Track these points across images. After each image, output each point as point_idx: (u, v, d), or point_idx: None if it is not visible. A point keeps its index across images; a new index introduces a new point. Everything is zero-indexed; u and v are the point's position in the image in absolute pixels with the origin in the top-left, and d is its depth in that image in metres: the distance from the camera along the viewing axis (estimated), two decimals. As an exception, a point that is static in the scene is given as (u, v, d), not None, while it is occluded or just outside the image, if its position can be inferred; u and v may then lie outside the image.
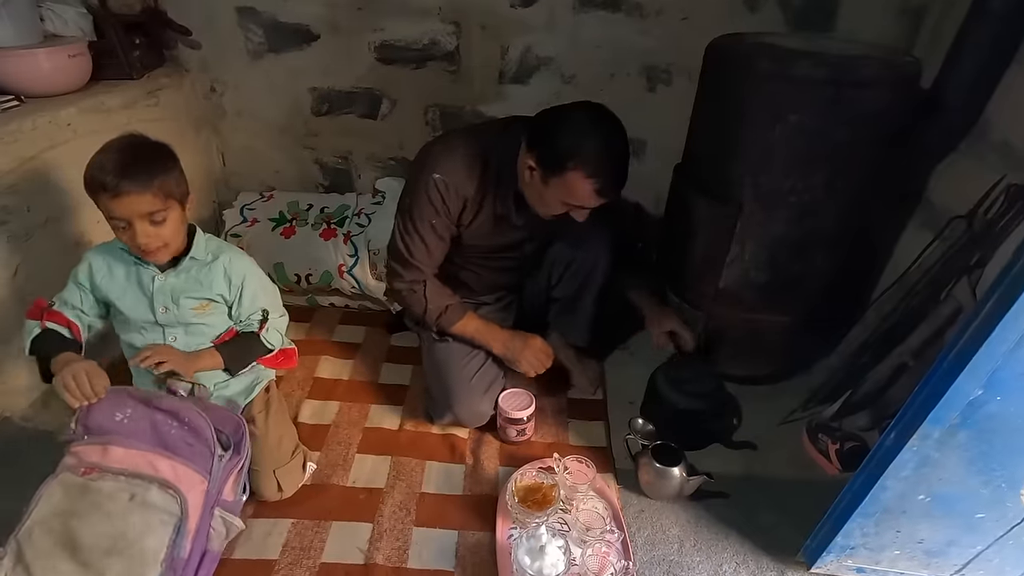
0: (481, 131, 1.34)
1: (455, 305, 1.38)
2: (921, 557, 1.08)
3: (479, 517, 1.22)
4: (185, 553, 0.95)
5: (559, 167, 1.15)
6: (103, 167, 1.00)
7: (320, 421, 1.45)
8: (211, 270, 1.16)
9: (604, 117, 1.17)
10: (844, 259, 1.39)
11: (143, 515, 0.94)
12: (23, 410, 1.40)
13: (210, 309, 1.18)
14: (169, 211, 1.06)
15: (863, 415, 1.40)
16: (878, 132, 1.22)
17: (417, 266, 1.33)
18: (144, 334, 1.16)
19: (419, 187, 1.26)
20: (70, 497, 0.94)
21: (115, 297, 1.14)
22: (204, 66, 1.91)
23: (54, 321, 1.11)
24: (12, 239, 1.33)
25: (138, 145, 1.05)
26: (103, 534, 0.91)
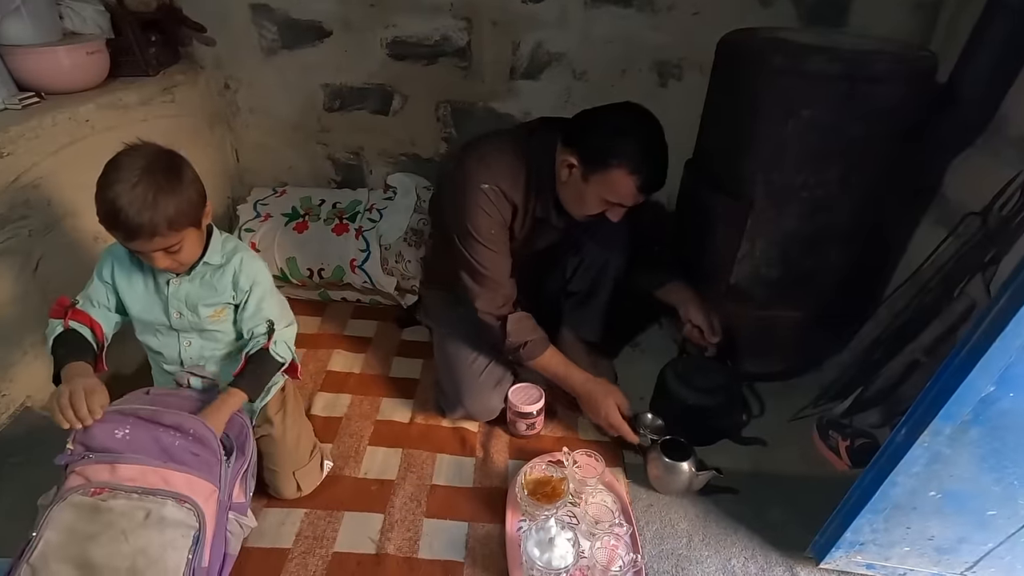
0: (509, 136, 1.32)
1: (537, 340, 1.34)
2: (931, 554, 1.07)
3: (489, 509, 1.24)
4: (206, 563, 0.94)
5: (602, 163, 1.16)
6: (114, 208, 0.94)
7: (332, 413, 1.47)
8: (223, 274, 1.13)
9: (645, 115, 1.18)
10: (856, 255, 1.38)
11: (161, 531, 0.91)
12: (44, 400, 1.43)
13: (225, 315, 1.16)
14: (184, 240, 1.02)
15: (874, 412, 1.40)
16: (892, 127, 1.21)
17: (494, 279, 1.30)
18: (159, 336, 1.16)
19: (470, 204, 1.24)
20: (83, 519, 0.91)
21: (129, 299, 1.12)
22: (218, 63, 1.93)
23: (77, 320, 1.08)
24: (34, 233, 1.36)
25: (148, 180, 0.96)
26: (122, 554, 0.88)
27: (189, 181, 1.02)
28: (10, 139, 1.28)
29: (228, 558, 1.04)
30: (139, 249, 1.00)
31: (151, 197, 0.95)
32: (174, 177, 1.00)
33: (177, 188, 0.99)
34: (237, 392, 1.09)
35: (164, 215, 0.96)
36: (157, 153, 1.01)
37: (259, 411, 1.24)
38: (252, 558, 1.11)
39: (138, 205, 0.94)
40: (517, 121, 1.93)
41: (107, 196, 0.95)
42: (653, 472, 1.29)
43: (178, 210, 0.98)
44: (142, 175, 0.96)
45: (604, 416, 1.33)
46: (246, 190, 2.07)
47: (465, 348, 1.42)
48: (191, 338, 1.16)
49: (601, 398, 1.34)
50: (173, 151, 1.04)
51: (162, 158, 1.00)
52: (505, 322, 1.32)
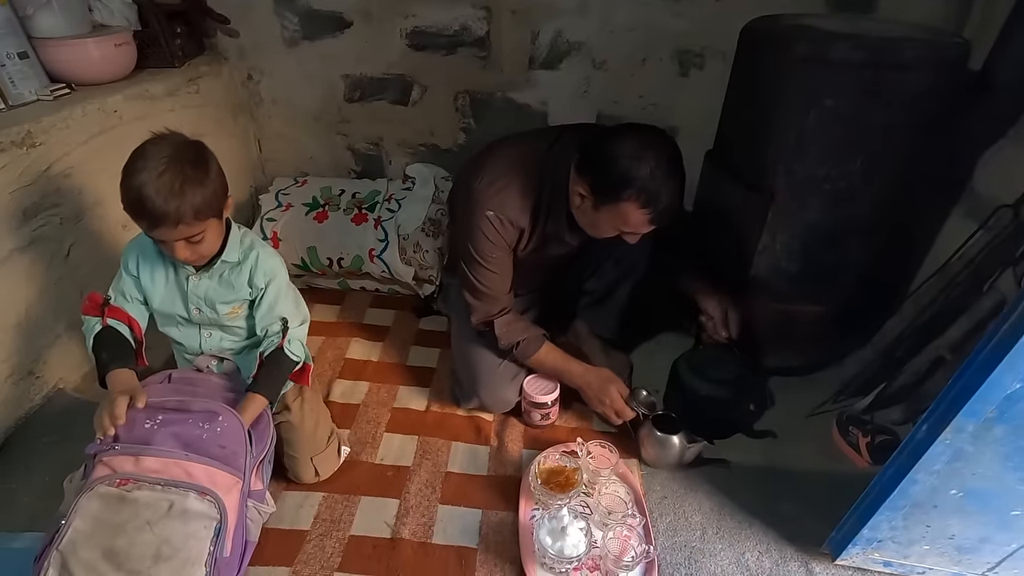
0: (526, 153, 1.28)
1: (529, 339, 1.35)
2: (952, 553, 1.05)
3: (503, 497, 1.25)
4: (228, 552, 0.96)
5: (612, 196, 1.12)
6: (139, 196, 0.95)
7: (350, 400, 1.49)
8: (240, 271, 1.15)
9: (657, 142, 1.11)
10: (880, 249, 1.35)
11: (184, 522, 0.94)
12: (76, 382, 1.49)
13: (242, 311, 1.18)
14: (206, 230, 1.03)
15: (897, 409, 1.37)
16: (919, 117, 1.18)
17: (493, 296, 1.32)
18: (180, 328, 1.19)
19: (474, 227, 1.25)
20: (109, 509, 0.93)
21: (151, 292, 1.14)
22: (242, 54, 1.96)
23: (115, 318, 1.10)
24: (65, 221, 1.40)
25: (174, 168, 0.97)
26: (146, 543, 0.91)
27: (215, 172, 1.04)
28: (42, 129, 1.33)
29: (249, 545, 1.06)
30: (162, 238, 1.01)
31: (178, 186, 0.96)
32: (200, 167, 1.01)
33: (203, 178, 1.00)
34: (256, 397, 1.11)
35: (190, 204, 0.98)
36: (184, 143, 1.02)
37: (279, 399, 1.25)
38: (271, 539, 1.14)
39: (165, 193, 0.95)
40: (535, 111, 1.93)
41: (133, 184, 0.96)
42: (645, 446, 1.31)
43: (203, 199, 1.00)
44: (169, 164, 0.97)
45: (608, 403, 1.33)
46: (268, 180, 2.10)
47: (482, 341, 1.42)
48: (211, 331, 1.19)
49: (600, 386, 1.34)
50: (199, 141, 1.05)
51: (189, 148, 1.02)
52: (493, 327, 1.33)
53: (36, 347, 1.38)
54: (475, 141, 2.00)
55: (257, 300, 1.16)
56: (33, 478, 1.24)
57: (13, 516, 1.16)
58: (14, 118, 1.31)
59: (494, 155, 1.30)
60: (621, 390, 1.34)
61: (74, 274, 1.44)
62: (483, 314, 1.34)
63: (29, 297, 1.35)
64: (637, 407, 1.33)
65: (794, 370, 1.57)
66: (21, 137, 1.28)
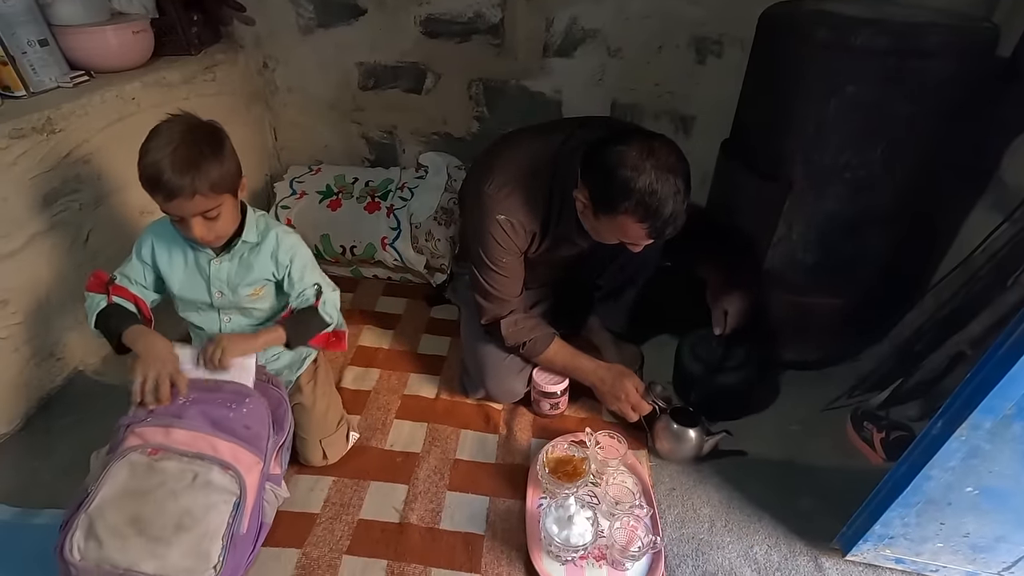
0: (535, 155, 1.25)
1: (536, 339, 1.34)
2: (966, 552, 1.03)
3: (510, 485, 1.25)
4: (244, 529, 1.00)
5: (609, 208, 1.09)
6: (156, 169, 0.98)
7: (361, 387, 1.51)
8: (260, 251, 1.17)
9: (659, 152, 1.05)
10: (901, 240, 1.32)
11: (206, 494, 0.98)
12: (95, 365, 1.52)
13: (263, 292, 1.20)
14: (222, 206, 1.05)
15: (914, 405, 1.35)
16: (943, 105, 1.14)
17: (503, 298, 1.31)
18: (200, 313, 1.21)
19: (485, 232, 1.24)
20: (137, 476, 0.98)
21: (173, 279, 1.16)
22: (257, 42, 1.97)
23: (120, 296, 1.13)
24: (84, 206, 1.43)
25: (189, 141, 1.00)
26: (170, 511, 0.96)
27: (229, 150, 1.07)
28: (62, 116, 1.35)
29: (264, 526, 1.09)
30: (179, 212, 1.03)
31: (193, 158, 0.99)
32: (215, 144, 1.04)
33: (218, 153, 1.03)
34: (277, 329, 1.14)
35: (206, 176, 1.00)
36: (198, 122, 1.06)
37: (293, 381, 1.29)
38: (282, 521, 1.16)
39: (180, 165, 0.98)
40: (549, 100, 1.92)
41: (149, 159, 0.99)
42: (661, 440, 1.30)
43: (219, 174, 1.03)
44: (183, 139, 1.00)
45: (624, 399, 1.31)
46: (283, 168, 2.11)
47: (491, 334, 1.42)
48: (231, 314, 1.21)
49: (615, 382, 1.32)
50: (213, 121, 1.08)
51: (203, 126, 1.05)
52: (499, 327, 1.33)
53: (57, 330, 1.41)
54: (489, 130, 1.99)
55: (285, 276, 1.19)
56: (54, 457, 1.27)
57: (35, 494, 1.20)
58: (35, 105, 1.33)
59: (504, 156, 1.27)
60: (637, 385, 1.33)
61: (93, 259, 1.47)
62: (492, 315, 1.34)
63: (50, 281, 1.37)
64: (654, 401, 1.33)
65: (809, 364, 1.55)
66: (42, 123, 1.30)
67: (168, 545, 0.93)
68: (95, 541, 0.92)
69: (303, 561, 1.09)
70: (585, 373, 1.36)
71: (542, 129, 1.32)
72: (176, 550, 0.93)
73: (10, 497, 1.19)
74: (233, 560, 0.98)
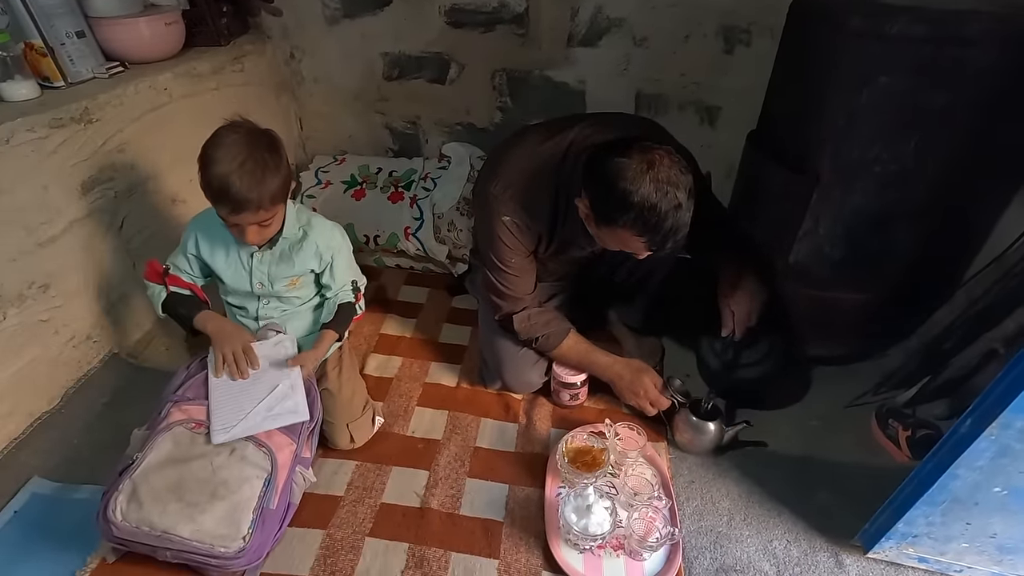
0: (542, 158, 1.22)
1: (550, 334, 1.34)
2: (992, 552, 1.02)
3: (529, 474, 1.27)
4: (274, 505, 1.06)
5: (609, 220, 1.08)
6: (225, 182, 1.03)
7: (384, 374, 1.53)
8: (303, 248, 1.24)
9: (660, 165, 1.02)
10: (932, 236, 1.28)
11: (241, 467, 1.06)
12: (129, 348, 1.57)
13: (300, 283, 1.28)
14: (276, 214, 1.14)
15: (941, 403, 1.32)
16: (982, 96, 1.10)
17: (515, 296, 1.32)
18: (240, 297, 1.29)
19: (491, 233, 1.24)
20: (180, 447, 1.07)
21: (219, 269, 1.25)
22: (284, 33, 2.00)
23: (176, 285, 1.24)
24: (119, 194, 1.47)
25: (256, 156, 1.05)
26: (208, 481, 1.03)
27: (285, 159, 1.12)
28: (98, 106, 1.39)
29: (291, 507, 1.14)
30: (240, 222, 1.10)
31: (259, 174, 1.05)
32: (275, 154, 1.09)
33: (279, 165, 1.09)
34: (330, 334, 1.28)
35: (269, 191, 1.07)
36: (257, 131, 1.10)
37: (319, 366, 1.33)
38: (308, 503, 1.19)
39: (248, 181, 1.04)
40: (573, 90, 1.91)
41: (216, 172, 1.04)
42: (680, 432, 1.30)
43: (279, 186, 1.09)
44: (248, 153, 1.05)
45: (643, 394, 1.31)
46: (308, 158, 2.15)
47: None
48: (269, 299, 1.29)
49: (633, 377, 1.32)
50: (269, 130, 1.12)
51: (262, 136, 1.09)
52: (512, 322, 1.33)
53: (93, 313, 1.46)
54: (512, 120, 1.99)
55: (326, 270, 1.29)
56: (92, 435, 1.32)
57: (75, 470, 1.25)
58: (73, 95, 1.38)
59: (510, 156, 1.25)
60: (655, 380, 1.32)
61: (127, 246, 1.52)
62: (505, 312, 1.34)
63: (87, 266, 1.42)
64: (672, 396, 1.32)
65: (834, 360, 1.53)
66: (79, 113, 1.34)
67: (203, 512, 1.00)
68: (136, 503, 0.99)
69: (327, 541, 1.13)
70: (601, 369, 1.36)
71: (551, 128, 1.27)
72: (210, 517, 1.00)
73: (51, 472, 1.24)
74: (262, 534, 1.03)
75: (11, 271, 1.25)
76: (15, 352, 1.28)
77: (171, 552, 1.00)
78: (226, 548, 0.99)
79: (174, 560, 1.01)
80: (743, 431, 1.30)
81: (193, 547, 0.98)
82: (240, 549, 1.00)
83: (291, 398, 1.17)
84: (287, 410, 1.16)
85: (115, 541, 1.02)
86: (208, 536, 0.99)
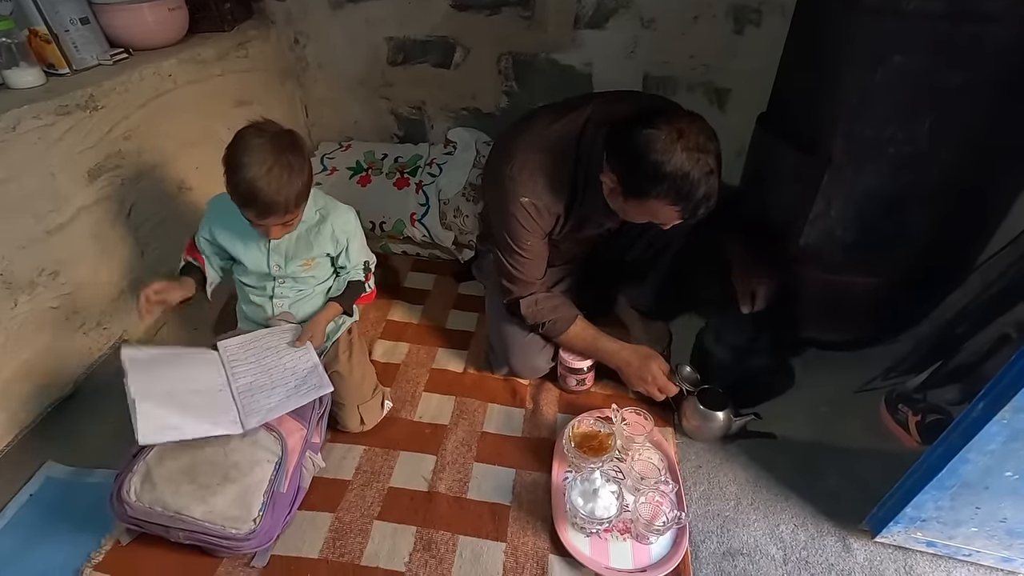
0: (558, 136, 1.22)
1: (557, 319, 1.34)
2: (1002, 537, 1.01)
3: (536, 458, 1.27)
4: (284, 488, 1.08)
5: (641, 193, 1.08)
6: (252, 188, 1.04)
7: (391, 360, 1.54)
8: (320, 231, 1.26)
9: (689, 133, 1.02)
10: (946, 218, 1.26)
11: (252, 451, 1.08)
12: (139, 335, 1.59)
13: (314, 264, 1.30)
14: (299, 213, 1.16)
15: (953, 388, 1.30)
16: (1002, 75, 1.07)
17: (526, 280, 1.31)
18: (255, 278, 1.31)
19: (508, 214, 1.23)
20: None
21: (238, 254, 1.27)
22: (288, 18, 1.98)
23: (193, 257, 1.30)
24: (126, 182, 1.48)
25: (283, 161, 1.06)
26: (220, 463, 1.05)
27: (308, 158, 1.13)
28: (104, 93, 1.38)
29: (300, 491, 1.15)
30: (265, 223, 1.12)
31: (285, 178, 1.06)
32: (300, 156, 1.10)
33: (303, 168, 1.10)
34: (335, 306, 1.32)
35: (295, 194, 1.09)
36: (281, 134, 1.10)
37: (329, 350, 1.36)
38: (317, 487, 1.20)
39: (275, 186, 1.05)
40: (579, 73, 1.88)
41: (244, 177, 1.05)
42: (689, 420, 1.30)
43: (303, 187, 1.11)
44: (276, 158, 1.06)
45: (651, 380, 1.30)
46: (314, 145, 2.14)
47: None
48: (284, 279, 1.30)
49: (641, 364, 1.31)
50: (292, 130, 1.13)
51: (286, 139, 1.10)
52: (519, 307, 1.33)
53: (102, 300, 1.47)
54: (518, 104, 1.97)
55: (342, 252, 1.33)
56: (104, 421, 1.34)
57: (87, 455, 1.27)
58: (78, 82, 1.37)
59: (525, 137, 1.24)
60: (662, 366, 1.31)
61: (135, 233, 1.52)
62: (514, 296, 1.34)
63: (96, 253, 1.43)
64: (681, 383, 1.32)
65: (844, 345, 1.51)
66: (85, 100, 1.34)
67: (215, 494, 1.02)
68: (150, 484, 1.01)
69: (336, 525, 1.14)
70: (608, 355, 1.35)
71: (563, 108, 1.26)
72: (222, 498, 1.02)
73: (65, 457, 1.26)
74: (272, 517, 1.04)
75: (21, 258, 1.26)
76: (27, 339, 1.30)
77: (184, 533, 1.01)
78: (237, 529, 1.01)
79: (187, 541, 1.03)
80: (751, 422, 1.29)
81: (205, 528, 1.00)
82: (251, 531, 1.01)
83: (314, 374, 1.20)
84: (313, 386, 1.18)
85: (129, 521, 1.03)
86: (220, 517, 1.01)
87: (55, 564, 1.06)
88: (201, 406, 1.08)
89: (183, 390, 1.10)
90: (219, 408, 1.09)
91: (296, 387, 1.17)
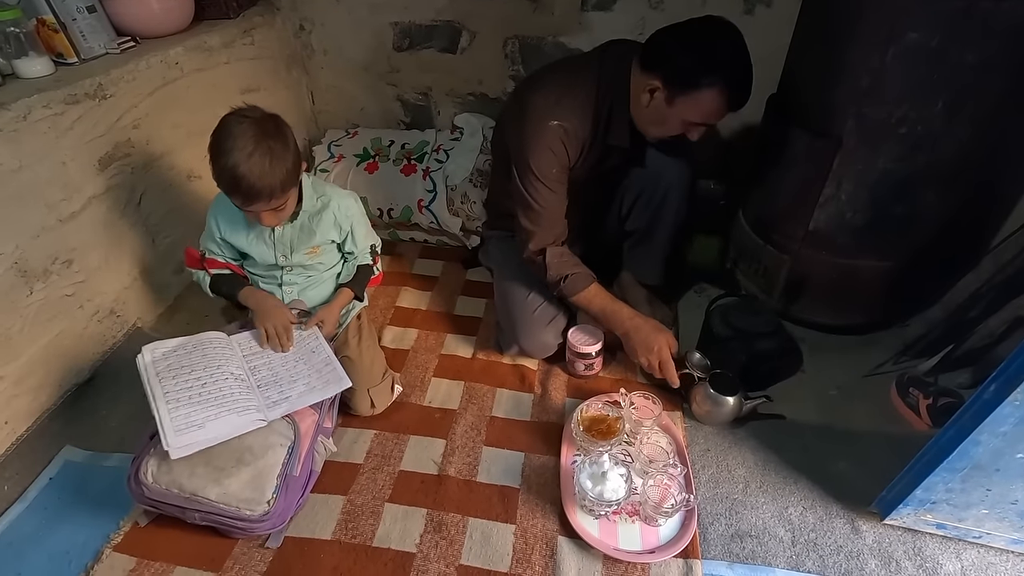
0: (578, 66, 1.28)
1: (578, 275, 1.32)
2: (1013, 519, 1.01)
3: (545, 442, 1.28)
4: (297, 472, 1.09)
5: (692, 84, 1.12)
6: (235, 174, 1.04)
7: (400, 346, 1.55)
8: (322, 218, 1.27)
9: (726, 26, 1.12)
10: (959, 201, 1.24)
11: (266, 435, 1.09)
12: (152, 322, 1.61)
13: (321, 251, 1.31)
14: (290, 198, 1.16)
15: (964, 372, 1.30)
16: (1019, 53, 1.05)
17: (549, 218, 1.29)
18: (264, 269, 1.32)
19: (535, 141, 1.22)
20: None
21: (243, 247, 1.28)
22: (293, 4, 1.97)
23: (215, 267, 1.30)
24: (136, 170, 1.49)
25: (264, 146, 1.05)
26: (234, 447, 1.06)
27: (293, 143, 1.12)
28: (112, 81, 1.39)
29: (312, 475, 1.17)
30: (253, 210, 1.12)
31: (268, 164, 1.06)
32: (283, 142, 1.10)
33: (287, 152, 1.09)
34: (347, 292, 1.35)
35: (279, 179, 1.08)
36: (263, 119, 1.10)
37: (339, 335, 1.37)
38: (328, 470, 1.22)
39: (258, 172, 1.05)
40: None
41: (227, 164, 1.05)
42: (698, 404, 1.30)
43: (288, 172, 1.10)
44: (257, 143, 1.05)
45: (656, 351, 1.29)
46: (321, 132, 2.14)
47: (521, 287, 1.43)
48: (292, 269, 1.31)
49: (650, 332, 1.30)
50: (276, 115, 1.12)
51: (269, 124, 1.10)
52: (545, 255, 1.32)
53: (115, 288, 1.49)
54: (524, 89, 1.95)
55: (347, 238, 1.34)
56: (119, 406, 1.36)
57: (104, 439, 1.29)
58: (87, 71, 1.38)
59: (544, 81, 1.27)
60: (671, 342, 1.31)
61: (146, 221, 1.54)
62: (538, 242, 1.31)
63: (107, 242, 1.45)
64: (691, 369, 1.32)
65: (854, 328, 1.51)
66: (93, 89, 1.34)
67: (229, 476, 1.03)
68: (167, 467, 1.03)
69: (348, 507, 1.16)
70: (621, 319, 1.32)
71: (571, 58, 1.36)
72: (236, 481, 1.03)
73: (82, 441, 1.29)
74: (285, 500, 1.06)
75: (35, 247, 1.27)
76: (43, 326, 1.32)
77: (199, 514, 1.04)
78: (251, 511, 1.03)
79: (202, 522, 1.05)
80: (762, 405, 1.29)
81: (220, 509, 1.02)
82: (265, 513, 1.03)
83: (331, 368, 1.22)
84: (332, 380, 1.20)
85: (146, 502, 1.06)
86: (234, 499, 1.03)
87: (76, 544, 1.09)
88: (225, 401, 1.10)
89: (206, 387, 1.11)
90: (243, 402, 1.11)
91: (315, 380, 1.19)
